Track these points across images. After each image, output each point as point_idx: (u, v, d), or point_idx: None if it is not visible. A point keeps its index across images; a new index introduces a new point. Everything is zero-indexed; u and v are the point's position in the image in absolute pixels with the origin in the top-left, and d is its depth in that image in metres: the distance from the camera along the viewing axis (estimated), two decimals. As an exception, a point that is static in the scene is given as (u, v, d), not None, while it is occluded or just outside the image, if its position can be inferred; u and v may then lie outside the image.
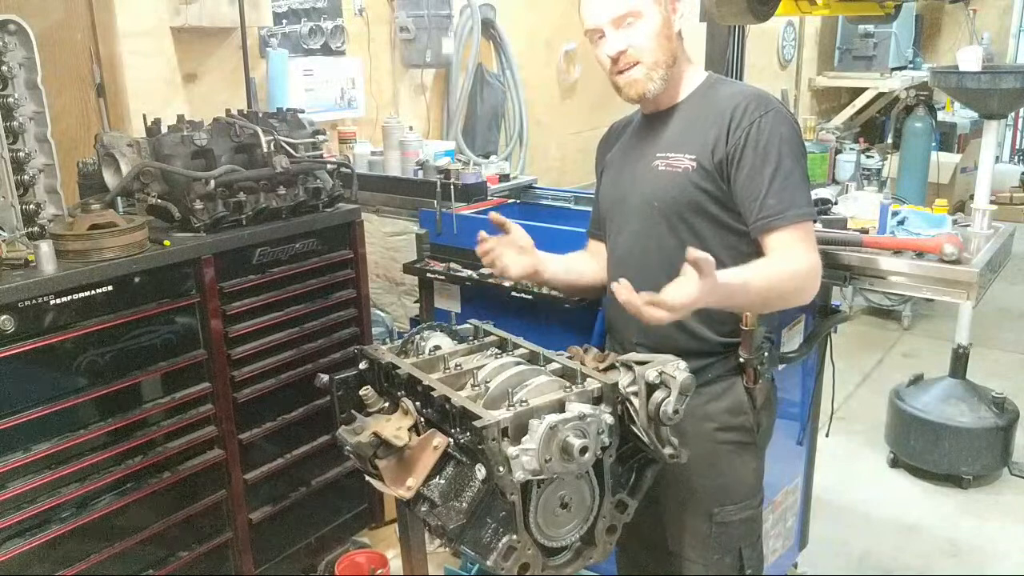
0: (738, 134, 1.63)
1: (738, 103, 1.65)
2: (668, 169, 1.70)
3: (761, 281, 1.56)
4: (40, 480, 1.91)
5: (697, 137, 1.68)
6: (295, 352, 2.51)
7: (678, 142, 1.71)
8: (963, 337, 3.55)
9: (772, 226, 1.61)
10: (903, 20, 6.60)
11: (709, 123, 1.67)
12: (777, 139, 1.62)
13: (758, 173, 1.61)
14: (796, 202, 1.61)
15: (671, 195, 1.69)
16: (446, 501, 1.43)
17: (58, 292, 1.89)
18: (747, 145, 1.62)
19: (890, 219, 2.18)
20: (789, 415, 2.50)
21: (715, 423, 1.74)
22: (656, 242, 1.72)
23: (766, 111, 1.63)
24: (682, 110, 1.76)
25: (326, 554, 2.72)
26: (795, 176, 1.62)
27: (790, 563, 2.75)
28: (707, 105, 1.71)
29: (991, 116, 3.28)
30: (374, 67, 3.64)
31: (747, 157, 1.62)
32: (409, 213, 3.01)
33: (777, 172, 1.60)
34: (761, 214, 1.62)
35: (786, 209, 1.60)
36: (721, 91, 1.73)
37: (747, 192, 1.63)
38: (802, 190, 1.63)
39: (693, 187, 1.67)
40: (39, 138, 2.11)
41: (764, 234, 1.62)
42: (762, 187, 1.61)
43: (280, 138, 2.40)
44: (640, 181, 1.76)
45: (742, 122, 1.63)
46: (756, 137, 1.62)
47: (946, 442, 3.42)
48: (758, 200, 1.61)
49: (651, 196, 1.72)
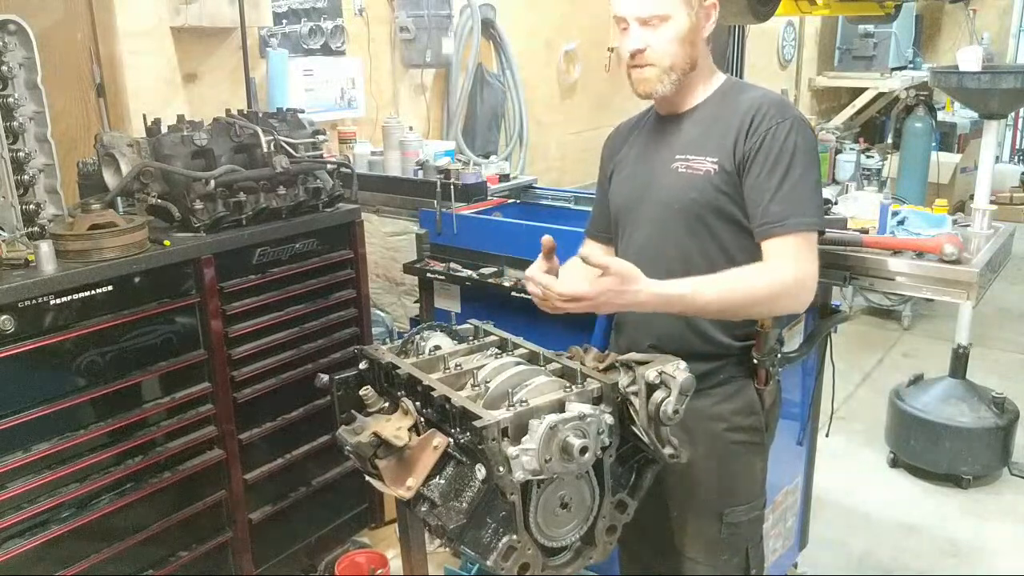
0: (754, 139, 1.63)
1: (759, 107, 1.66)
2: (689, 171, 1.70)
3: (719, 290, 1.56)
4: (40, 480, 1.91)
5: (718, 139, 1.68)
6: (295, 352, 2.51)
7: (699, 144, 1.71)
8: (963, 337, 3.55)
9: (771, 232, 1.61)
10: (903, 20, 6.60)
11: (730, 126, 1.68)
12: (791, 147, 1.62)
13: (766, 179, 1.62)
14: (799, 211, 1.61)
15: (691, 197, 1.69)
16: (446, 501, 1.43)
17: (58, 292, 1.89)
18: (760, 150, 1.63)
19: (890, 219, 2.18)
20: (789, 415, 2.50)
21: (726, 423, 1.75)
22: (674, 243, 1.72)
23: (783, 118, 1.64)
24: (701, 113, 1.75)
25: (326, 554, 2.72)
26: (804, 185, 1.62)
27: (790, 563, 2.75)
28: (727, 108, 1.71)
29: (991, 116, 3.28)
30: (374, 67, 3.64)
31: (758, 162, 1.63)
32: (409, 213, 3.00)
33: (785, 179, 1.61)
34: (763, 220, 1.62)
35: (787, 217, 1.60)
36: (741, 95, 1.73)
37: (753, 197, 1.64)
38: (810, 200, 1.63)
39: (714, 189, 1.67)
40: (39, 138, 2.11)
41: (764, 240, 1.63)
42: (768, 192, 1.62)
43: (280, 138, 2.40)
44: (658, 182, 1.76)
45: (759, 127, 1.64)
46: (770, 143, 1.62)
47: (946, 442, 3.42)
48: (761, 206, 1.62)
49: (670, 198, 1.72)
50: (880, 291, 4.11)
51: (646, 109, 1.92)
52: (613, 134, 1.98)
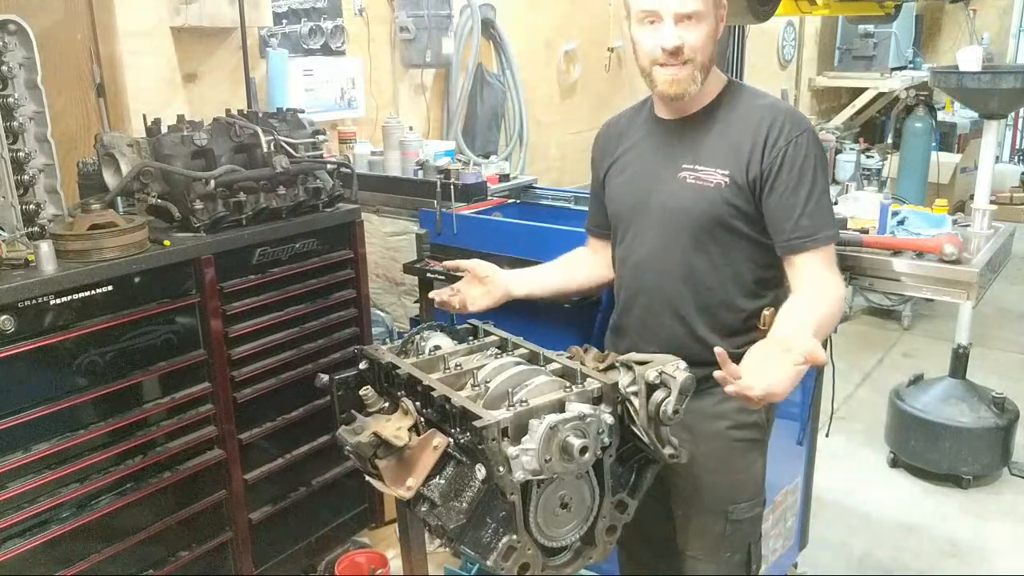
0: (774, 153, 1.64)
1: (774, 120, 1.66)
2: (698, 183, 1.69)
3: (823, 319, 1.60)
4: (40, 480, 1.90)
5: (730, 151, 1.68)
6: (295, 352, 2.51)
7: (709, 155, 1.70)
8: (963, 337, 3.55)
9: (804, 247, 1.64)
10: (903, 20, 6.60)
11: (742, 137, 1.67)
12: (813, 160, 1.65)
13: (793, 193, 1.63)
14: (826, 224, 1.66)
15: (700, 208, 1.69)
16: (446, 501, 1.43)
17: (58, 292, 1.89)
18: (783, 165, 1.63)
19: (890, 219, 2.18)
20: (789, 415, 2.50)
21: (729, 421, 1.76)
22: (679, 253, 1.72)
23: (801, 131, 1.66)
24: (706, 118, 1.74)
25: (326, 554, 2.72)
26: (825, 198, 1.67)
27: (790, 563, 2.75)
28: (736, 116, 1.71)
29: (991, 116, 3.28)
30: (374, 67, 3.64)
31: (783, 177, 1.64)
32: (409, 213, 3.00)
33: (812, 194, 1.64)
34: (794, 234, 1.64)
35: (818, 231, 1.64)
36: (748, 102, 1.73)
37: (781, 212, 1.65)
38: (830, 212, 1.68)
39: (724, 203, 1.67)
40: (39, 138, 2.11)
41: (794, 253, 1.65)
42: (797, 208, 1.63)
43: (280, 138, 2.40)
44: (664, 191, 1.74)
45: (778, 141, 1.64)
46: (793, 157, 1.63)
47: (946, 442, 3.42)
48: (792, 220, 1.64)
49: (678, 208, 1.71)
50: (880, 291, 4.11)
51: (637, 106, 1.90)
52: (604, 132, 1.96)
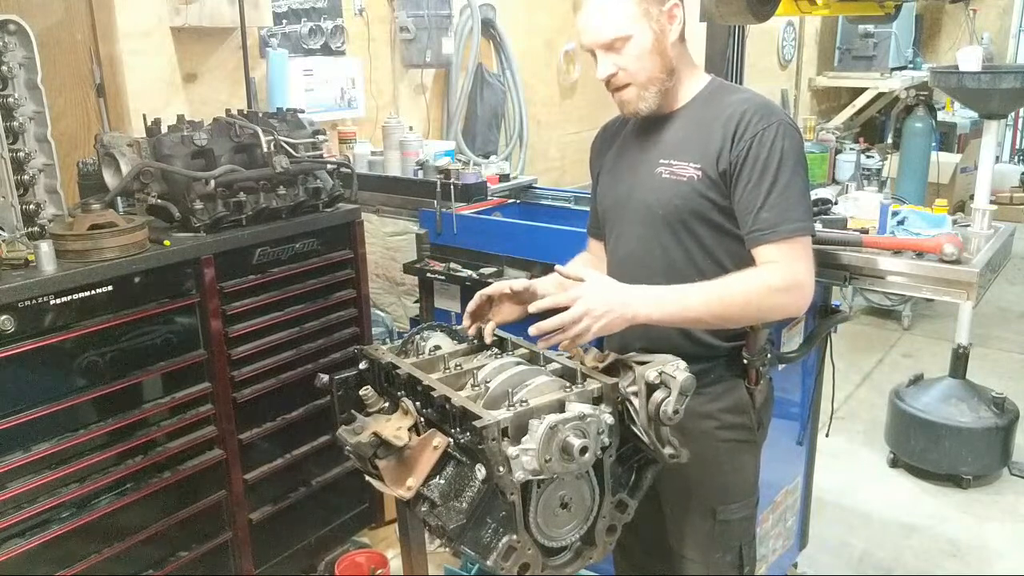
0: (741, 146, 1.63)
1: (743, 112, 1.64)
2: (672, 177, 1.70)
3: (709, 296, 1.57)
4: (40, 480, 1.90)
5: (701, 145, 1.68)
6: (295, 352, 2.51)
7: (682, 149, 1.71)
8: (963, 337, 3.55)
9: (764, 239, 1.61)
10: (903, 20, 6.60)
11: (713, 131, 1.67)
12: (778, 152, 1.61)
13: (756, 186, 1.62)
14: (791, 216, 1.61)
15: (675, 203, 1.69)
16: (446, 501, 1.43)
17: (58, 292, 1.89)
18: (748, 158, 1.62)
19: (890, 219, 2.18)
20: (789, 415, 2.50)
21: (716, 422, 1.75)
22: (659, 248, 1.72)
23: (769, 123, 1.63)
24: (684, 115, 1.75)
25: (326, 554, 2.72)
26: (793, 190, 1.62)
27: (790, 563, 2.75)
28: (710, 111, 1.70)
29: (991, 116, 3.28)
30: (374, 67, 3.64)
31: (747, 169, 1.62)
32: (409, 213, 3.01)
33: (775, 186, 1.61)
34: (755, 227, 1.62)
35: (779, 223, 1.60)
36: (725, 98, 1.72)
37: (744, 205, 1.63)
38: (799, 204, 1.63)
39: (698, 196, 1.67)
40: (39, 138, 2.11)
41: (756, 246, 1.63)
42: (758, 200, 1.61)
43: (280, 138, 2.40)
44: (642, 187, 1.75)
45: (745, 134, 1.63)
46: (757, 150, 1.61)
47: (946, 442, 3.41)
48: (752, 213, 1.62)
49: (655, 203, 1.72)
50: (880, 291, 4.11)
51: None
52: (600, 133, 1.98)
